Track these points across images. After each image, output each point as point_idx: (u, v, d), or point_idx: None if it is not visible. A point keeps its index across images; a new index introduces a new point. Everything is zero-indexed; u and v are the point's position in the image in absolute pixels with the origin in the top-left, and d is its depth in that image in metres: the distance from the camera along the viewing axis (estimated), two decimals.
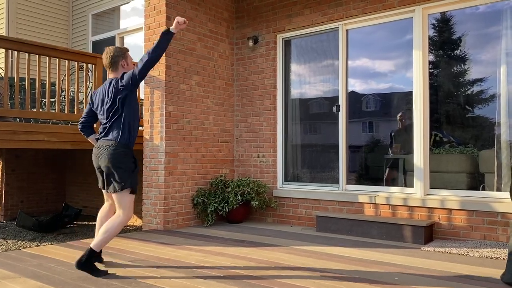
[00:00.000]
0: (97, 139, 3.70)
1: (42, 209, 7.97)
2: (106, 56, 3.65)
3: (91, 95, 3.79)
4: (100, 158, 3.55)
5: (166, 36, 3.53)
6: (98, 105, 3.65)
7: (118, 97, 3.50)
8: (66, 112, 5.59)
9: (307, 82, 6.22)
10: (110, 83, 3.59)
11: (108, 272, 3.47)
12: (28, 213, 7.20)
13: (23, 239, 5.46)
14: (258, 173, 6.36)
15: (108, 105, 3.54)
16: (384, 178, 5.58)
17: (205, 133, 6.15)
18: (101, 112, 3.62)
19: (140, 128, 6.13)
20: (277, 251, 4.28)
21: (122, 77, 3.55)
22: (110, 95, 3.53)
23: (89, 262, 3.41)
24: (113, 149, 3.49)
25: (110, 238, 3.50)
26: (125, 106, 3.52)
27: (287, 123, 6.34)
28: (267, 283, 3.22)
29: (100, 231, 3.50)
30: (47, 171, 8.15)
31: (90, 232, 6.06)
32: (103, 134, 3.59)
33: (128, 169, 3.53)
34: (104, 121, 3.59)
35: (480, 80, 4.94)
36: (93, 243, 3.45)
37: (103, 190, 3.75)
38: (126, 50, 3.74)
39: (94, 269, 3.41)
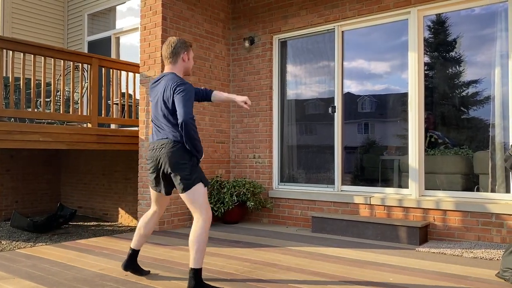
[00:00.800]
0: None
1: (36, 209, 7.93)
2: (167, 46, 3.26)
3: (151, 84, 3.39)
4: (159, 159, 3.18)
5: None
6: (157, 99, 3.25)
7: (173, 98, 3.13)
8: (61, 112, 5.56)
9: (303, 83, 6.23)
10: (167, 75, 3.24)
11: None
12: (22, 213, 7.16)
13: (18, 239, 5.43)
14: (254, 174, 6.36)
15: (162, 105, 3.18)
16: (380, 179, 5.60)
17: (200, 133, 6.14)
18: (152, 110, 3.28)
19: (136, 129, 6.12)
20: (272, 252, 4.28)
21: (177, 86, 3.12)
22: (169, 93, 3.14)
23: (199, 284, 3.02)
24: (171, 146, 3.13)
25: (204, 248, 3.05)
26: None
27: (283, 124, 6.35)
28: (262, 284, 3.22)
29: (190, 248, 3.03)
30: (42, 171, 8.11)
31: (85, 232, 6.04)
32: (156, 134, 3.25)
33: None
34: (158, 120, 3.23)
35: (475, 81, 4.97)
36: (191, 263, 3.02)
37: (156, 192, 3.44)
38: (190, 43, 3.37)
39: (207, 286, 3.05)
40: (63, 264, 3.82)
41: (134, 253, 3.42)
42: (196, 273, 3.00)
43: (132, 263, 3.42)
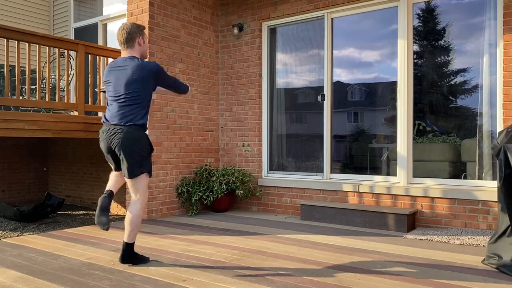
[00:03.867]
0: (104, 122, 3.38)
1: (24, 198, 7.83)
2: (122, 32, 3.34)
3: (106, 71, 3.46)
4: (112, 141, 3.29)
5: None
6: (112, 84, 3.34)
7: (148, 84, 3.28)
8: (47, 100, 5.47)
9: (293, 71, 6.20)
10: (131, 59, 3.32)
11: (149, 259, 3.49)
12: (9, 203, 7.07)
13: (4, 229, 5.36)
14: (243, 162, 6.34)
15: (135, 86, 3.26)
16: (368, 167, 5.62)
17: (189, 122, 6.09)
18: (116, 91, 3.31)
19: None
20: (261, 240, 4.29)
21: (156, 68, 3.33)
22: (138, 75, 3.25)
23: (131, 255, 3.38)
24: (127, 131, 3.25)
25: (138, 227, 3.36)
26: (147, 90, 3.31)
27: (272, 112, 6.32)
28: (250, 271, 3.22)
29: (126, 224, 3.32)
30: (29, 160, 8.00)
31: (73, 221, 5.98)
32: (115, 116, 3.30)
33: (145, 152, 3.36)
34: (120, 101, 3.29)
35: (464, 70, 4.98)
36: (125, 237, 3.34)
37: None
38: (143, 27, 3.46)
39: (139, 257, 3.41)
40: (50, 253, 3.79)
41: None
42: (130, 246, 3.36)
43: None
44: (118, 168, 3.41)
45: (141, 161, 3.31)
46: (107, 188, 3.42)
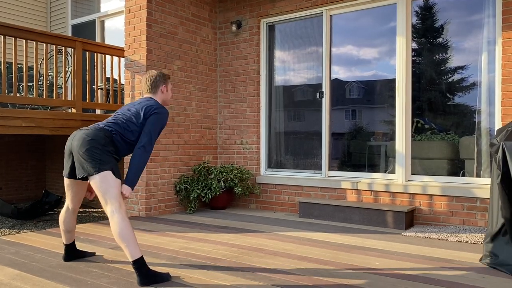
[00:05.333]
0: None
1: (21, 196, 7.81)
2: (147, 79, 3.45)
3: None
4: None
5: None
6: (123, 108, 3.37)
7: (140, 121, 3.23)
8: (44, 97, 5.45)
9: (291, 69, 6.18)
10: (144, 102, 3.32)
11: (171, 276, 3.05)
12: (7, 200, 7.05)
13: (2, 226, 5.35)
14: (241, 160, 6.34)
15: (133, 117, 3.23)
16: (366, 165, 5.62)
17: (187, 119, 6.08)
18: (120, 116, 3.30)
19: None
20: (259, 237, 4.29)
21: (152, 110, 3.24)
22: (140, 112, 3.23)
23: (146, 274, 2.89)
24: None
25: (133, 238, 2.90)
26: (137, 132, 3.23)
27: (271, 110, 6.31)
28: (249, 269, 3.22)
29: (120, 243, 2.90)
30: (26, 158, 7.98)
31: None
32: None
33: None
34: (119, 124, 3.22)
35: (462, 68, 4.98)
36: (129, 257, 2.89)
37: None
38: (169, 76, 3.55)
39: (157, 275, 2.93)
40: (48, 251, 3.77)
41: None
42: (139, 263, 2.89)
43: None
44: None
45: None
46: None
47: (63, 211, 3.36)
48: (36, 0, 9.24)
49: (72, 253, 3.49)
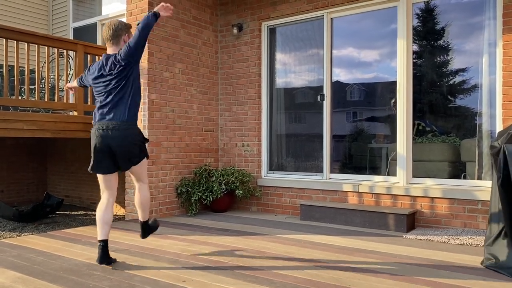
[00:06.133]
0: (98, 120, 3.41)
1: (23, 198, 7.82)
2: (108, 28, 3.40)
3: (86, 70, 3.57)
4: (112, 139, 3.33)
5: (154, 18, 3.40)
6: (96, 83, 3.41)
7: (123, 74, 3.32)
8: (46, 99, 5.46)
9: (292, 71, 6.19)
10: (109, 58, 3.38)
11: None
12: (8, 203, 7.06)
13: (3, 229, 5.36)
14: (242, 162, 6.34)
15: (113, 82, 3.33)
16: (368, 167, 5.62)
17: (189, 122, 6.09)
18: (101, 90, 3.38)
19: None
20: (261, 240, 4.29)
21: (119, 54, 3.36)
22: (114, 72, 3.32)
23: (150, 227, 3.83)
24: (125, 128, 3.35)
25: (149, 206, 3.77)
26: (131, 83, 3.37)
27: (272, 112, 6.32)
28: (250, 272, 3.22)
29: (138, 206, 3.69)
30: (28, 160, 7.99)
31: (72, 222, 5.98)
32: (107, 114, 3.35)
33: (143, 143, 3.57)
34: (108, 99, 3.35)
35: (463, 70, 4.98)
36: (141, 218, 3.73)
37: (106, 176, 3.45)
38: (130, 26, 3.54)
39: (152, 225, 3.85)
40: (49, 253, 3.78)
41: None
42: (145, 223, 3.77)
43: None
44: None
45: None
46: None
47: (102, 206, 3.43)
48: (38, 4, 9.27)
49: (107, 254, 3.40)
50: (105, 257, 3.36)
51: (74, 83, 3.95)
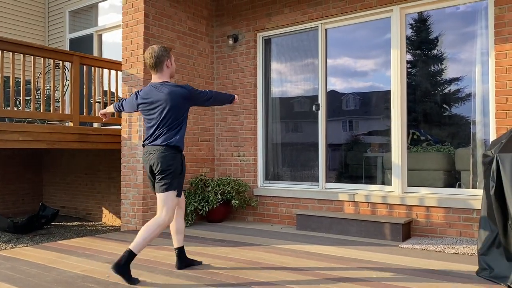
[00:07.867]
0: (143, 145, 3.49)
1: (18, 209, 7.79)
2: (150, 56, 3.40)
3: (137, 93, 3.55)
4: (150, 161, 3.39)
5: (229, 102, 3.75)
6: (148, 108, 3.42)
7: (182, 108, 3.39)
8: (42, 111, 5.46)
9: (288, 81, 6.23)
10: (164, 86, 3.39)
11: (139, 280, 3.26)
12: (3, 214, 7.02)
13: None
14: (238, 172, 6.34)
15: (170, 113, 3.34)
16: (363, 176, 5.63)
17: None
18: (155, 117, 3.38)
19: (118, 127, 6.05)
20: (257, 250, 4.27)
21: (188, 92, 3.41)
22: (171, 103, 3.33)
23: (127, 266, 3.18)
24: (162, 151, 3.35)
25: (150, 240, 3.31)
26: (185, 117, 3.46)
27: (268, 122, 6.34)
28: (245, 283, 3.21)
29: (140, 232, 3.29)
30: (23, 171, 7.96)
31: (67, 233, 5.95)
32: (153, 139, 3.39)
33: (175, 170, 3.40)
34: (160, 127, 3.36)
35: (457, 79, 5.02)
36: (132, 245, 3.22)
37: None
38: (170, 49, 3.53)
39: (129, 275, 3.20)
40: (44, 265, 3.76)
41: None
42: (131, 255, 3.20)
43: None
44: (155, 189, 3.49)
45: (172, 179, 3.35)
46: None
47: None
48: (34, 15, 9.31)
49: (184, 260, 3.60)
50: (183, 261, 3.61)
51: (110, 108, 3.91)
